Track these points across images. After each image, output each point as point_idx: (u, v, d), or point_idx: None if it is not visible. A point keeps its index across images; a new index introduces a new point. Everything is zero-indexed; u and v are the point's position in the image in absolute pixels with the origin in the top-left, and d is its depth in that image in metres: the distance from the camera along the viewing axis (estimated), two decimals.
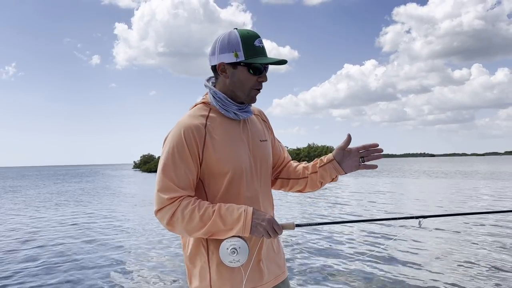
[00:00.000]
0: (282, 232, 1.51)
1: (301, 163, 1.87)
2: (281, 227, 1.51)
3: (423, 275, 5.65)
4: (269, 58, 1.57)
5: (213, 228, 1.47)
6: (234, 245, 1.48)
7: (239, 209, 1.48)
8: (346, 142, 1.69)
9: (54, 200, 19.32)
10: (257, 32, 1.60)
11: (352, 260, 6.55)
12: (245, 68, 1.56)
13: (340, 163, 1.71)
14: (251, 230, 1.47)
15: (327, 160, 1.74)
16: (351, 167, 1.72)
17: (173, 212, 1.48)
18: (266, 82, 1.62)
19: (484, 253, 6.75)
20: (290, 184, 1.86)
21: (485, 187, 19.83)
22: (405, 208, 13.29)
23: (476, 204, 13.48)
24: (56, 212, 14.41)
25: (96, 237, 9.29)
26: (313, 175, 1.77)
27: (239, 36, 1.55)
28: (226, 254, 1.48)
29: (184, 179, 1.51)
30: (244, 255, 1.48)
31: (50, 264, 6.88)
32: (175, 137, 1.54)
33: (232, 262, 1.49)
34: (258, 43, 1.56)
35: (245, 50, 1.54)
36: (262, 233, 1.48)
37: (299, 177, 1.82)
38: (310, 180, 1.79)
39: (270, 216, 1.50)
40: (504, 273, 5.63)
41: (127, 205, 16.12)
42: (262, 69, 1.58)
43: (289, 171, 1.86)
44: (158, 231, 9.55)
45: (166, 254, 7.32)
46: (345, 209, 13.00)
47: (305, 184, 1.81)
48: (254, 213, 1.48)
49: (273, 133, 1.88)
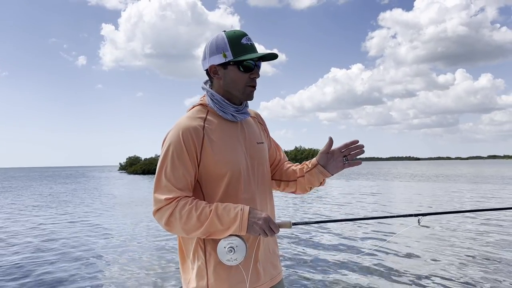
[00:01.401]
0: (279, 231, 1.52)
1: (293, 164, 1.89)
2: (278, 225, 1.52)
3: (420, 271, 5.75)
4: (257, 53, 1.59)
5: (210, 227, 1.47)
6: (232, 243, 1.48)
7: (236, 208, 1.49)
8: (328, 146, 1.71)
9: (45, 202, 19.03)
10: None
11: (352, 257, 6.61)
12: (235, 66, 1.58)
13: (324, 166, 1.73)
14: (248, 229, 1.47)
15: (312, 165, 1.76)
16: (336, 168, 1.73)
17: (170, 212, 1.49)
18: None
19: (476, 249, 6.91)
20: (282, 185, 1.88)
21: (470, 190, 20.17)
22: (400, 207, 13.54)
23: (462, 206, 13.71)
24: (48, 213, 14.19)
25: (83, 241, 9.16)
26: (300, 179, 1.80)
27: (225, 37, 1.58)
28: (224, 253, 1.49)
29: (182, 180, 1.52)
30: (241, 253, 1.49)
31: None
32: (173, 138, 1.54)
33: (229, 260, 1.49)
34: (246, 41, 1.58)
35: (233, 49, 1.56)
36: (258, 231, 1.48)
37: (289, 180, 1.85)
38: (299, 183, 1.81)
39: (266, 215, 1.50)
40: (497, 265, 5.80)
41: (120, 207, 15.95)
42: (253, 66, 1.58)
43: (282, 173, 1.88)
44: (152, 232, 9.46)
45: (156, 254, 7.26)
46: (343, 209, 13.17)
47: (296, 187, 1.84)
48: (251, 212, 1.49)
49: (269, 135, 1.90)
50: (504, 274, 5.62)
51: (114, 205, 16.64)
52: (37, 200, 20.40)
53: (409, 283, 5.35)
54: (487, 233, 8.58)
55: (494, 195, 16.95)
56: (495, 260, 6.37)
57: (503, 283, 5.23)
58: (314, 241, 8.04)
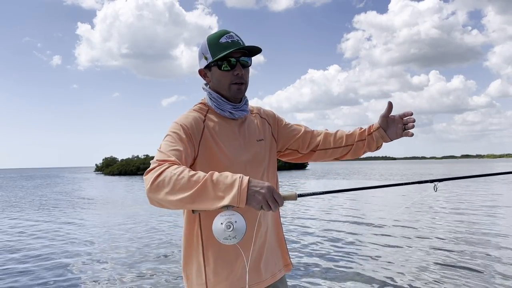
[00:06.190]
0: (283, 204, 1.33)
1: (342, 131, 1.89)
2: (282, 197, 1.33)
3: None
4: (230, 48, 1.56)
5: (201, 192, 1.26)
6: (230, 218, 1.28)
7: (234, 175, 1.29)
8: (388, 110, 1.73)
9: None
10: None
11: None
12: (215, 67, 1.61)
13: (385, 130, 1.75)
14: (248, 199, 1.26)
15: (374, 128, 1.78)
16: (396, 134, 1.75)
17: (161, 171, 1.31)
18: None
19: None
20: (329, 152, 1.85)
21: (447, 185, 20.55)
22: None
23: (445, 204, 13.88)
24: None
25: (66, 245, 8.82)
26: (359, 142, 1.81)
27: (206, 39, 1.62)
28: (221, 230, 1.29)
29: (177, 154, 1.45)
30: (240, 231, 1.29)
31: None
32: (173, 126, 1.55)
33: (227, 238, 1.30)
34: (226, 39, 1.58)
35: (212, 51, 1.59)
36: (261, 202, 1.27)
37: (341, 145, 1.84)
38: (356, 147, 1.82)
39: (269, 184, 1.31)
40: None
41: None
42: (234, 63, 1.58)
43: (329, 141, 1.85)
44: (147, 234, 9.19)
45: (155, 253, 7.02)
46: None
47: (347, 152, 1.84)
48: (251, 181, 1.29)
49: (279, 123, 1.87)
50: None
51: (87, 207, 16.20)
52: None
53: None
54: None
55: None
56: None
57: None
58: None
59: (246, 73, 1.64)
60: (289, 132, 1.87)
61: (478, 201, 14.00)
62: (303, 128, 1.90)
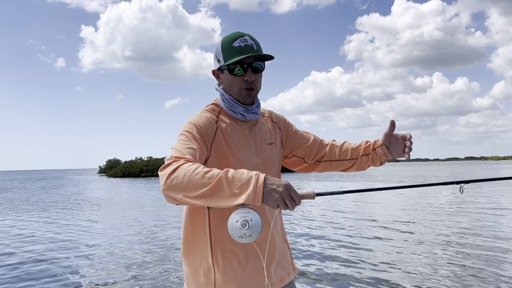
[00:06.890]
0: (300, 202, 1.29)
1: (348, 143, 1.88)
2: (300, 196, 1.29)
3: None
4: (242, 55, 1.54)
5: (216, 189, 1.23)
6: (245, 216, 1.25)
7: (250, 172, 1.26)
8: (391, 128, 1.73)
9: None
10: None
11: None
12: (227, 71, 1.59)
13: (388, 148, 1.76)
14: (264, 197, 1.22)
15: (378, 144, 1.78)
16: (397, 153, 1.76)
17: (176, 167, 1.29)
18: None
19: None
20: (335, 165, 1.86)
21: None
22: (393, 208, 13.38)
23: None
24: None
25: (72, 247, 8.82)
26: (364, 157, 1.81)
27: (220, 42, 1.60)
28: (236, 228, 1.25)
29: (192, 153, 1.43)
30: (256, 229, 1.26)
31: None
32: (187, 126, 1.54)
33: (242, 237, 1.27)
34: (239, 43, 1.56)
35: (224, 54, 1.58)
36: (277, 201, 1.23)
37: (346, 158, 1.84)
38: (360, 161, 1.82)
39: (286, 181, 1.27)
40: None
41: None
42: (245, 68, 1.56)
43: (334, 153, 1.85)
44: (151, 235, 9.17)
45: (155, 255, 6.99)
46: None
47: (352, 165, 1.84)
48: (268, 179, 1.25)
49: (289, 129, 1.85)
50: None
51: (92, 208, 16.21)
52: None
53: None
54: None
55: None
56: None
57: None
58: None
59: (257, 78, 1.62)
60: (298, 140, 1.86)
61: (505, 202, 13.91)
62: (312, 136, 1.89)
